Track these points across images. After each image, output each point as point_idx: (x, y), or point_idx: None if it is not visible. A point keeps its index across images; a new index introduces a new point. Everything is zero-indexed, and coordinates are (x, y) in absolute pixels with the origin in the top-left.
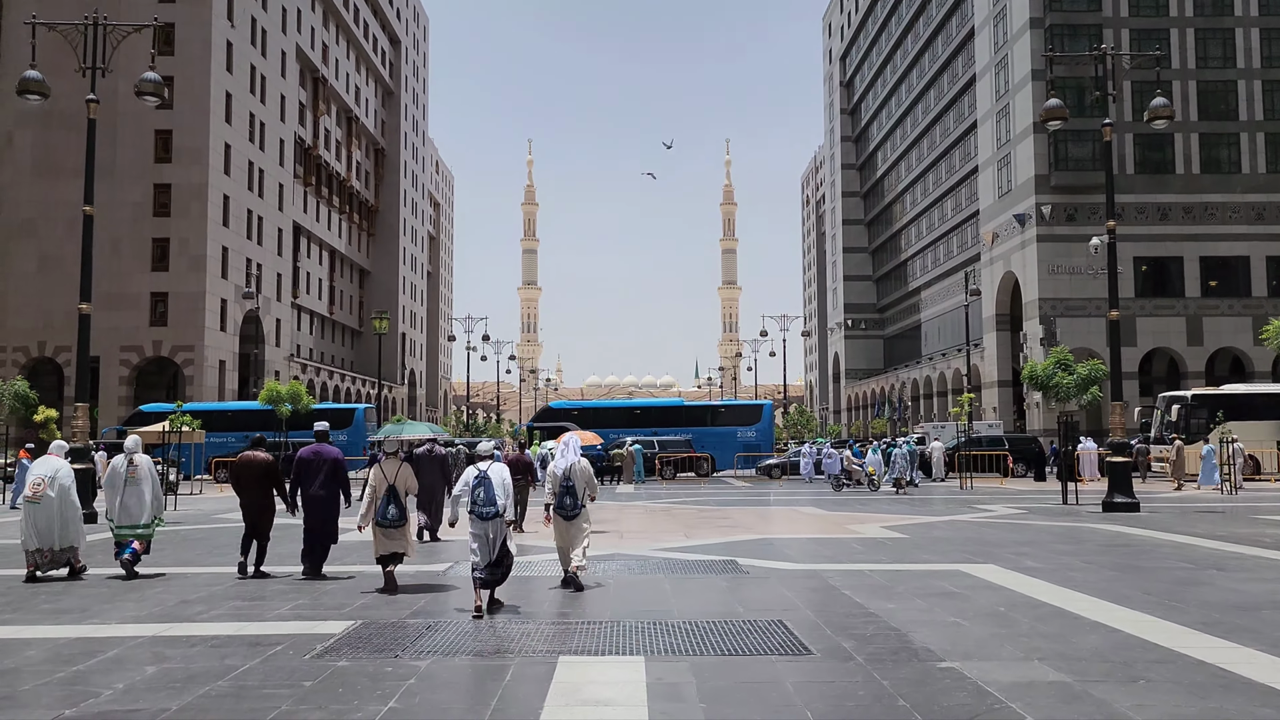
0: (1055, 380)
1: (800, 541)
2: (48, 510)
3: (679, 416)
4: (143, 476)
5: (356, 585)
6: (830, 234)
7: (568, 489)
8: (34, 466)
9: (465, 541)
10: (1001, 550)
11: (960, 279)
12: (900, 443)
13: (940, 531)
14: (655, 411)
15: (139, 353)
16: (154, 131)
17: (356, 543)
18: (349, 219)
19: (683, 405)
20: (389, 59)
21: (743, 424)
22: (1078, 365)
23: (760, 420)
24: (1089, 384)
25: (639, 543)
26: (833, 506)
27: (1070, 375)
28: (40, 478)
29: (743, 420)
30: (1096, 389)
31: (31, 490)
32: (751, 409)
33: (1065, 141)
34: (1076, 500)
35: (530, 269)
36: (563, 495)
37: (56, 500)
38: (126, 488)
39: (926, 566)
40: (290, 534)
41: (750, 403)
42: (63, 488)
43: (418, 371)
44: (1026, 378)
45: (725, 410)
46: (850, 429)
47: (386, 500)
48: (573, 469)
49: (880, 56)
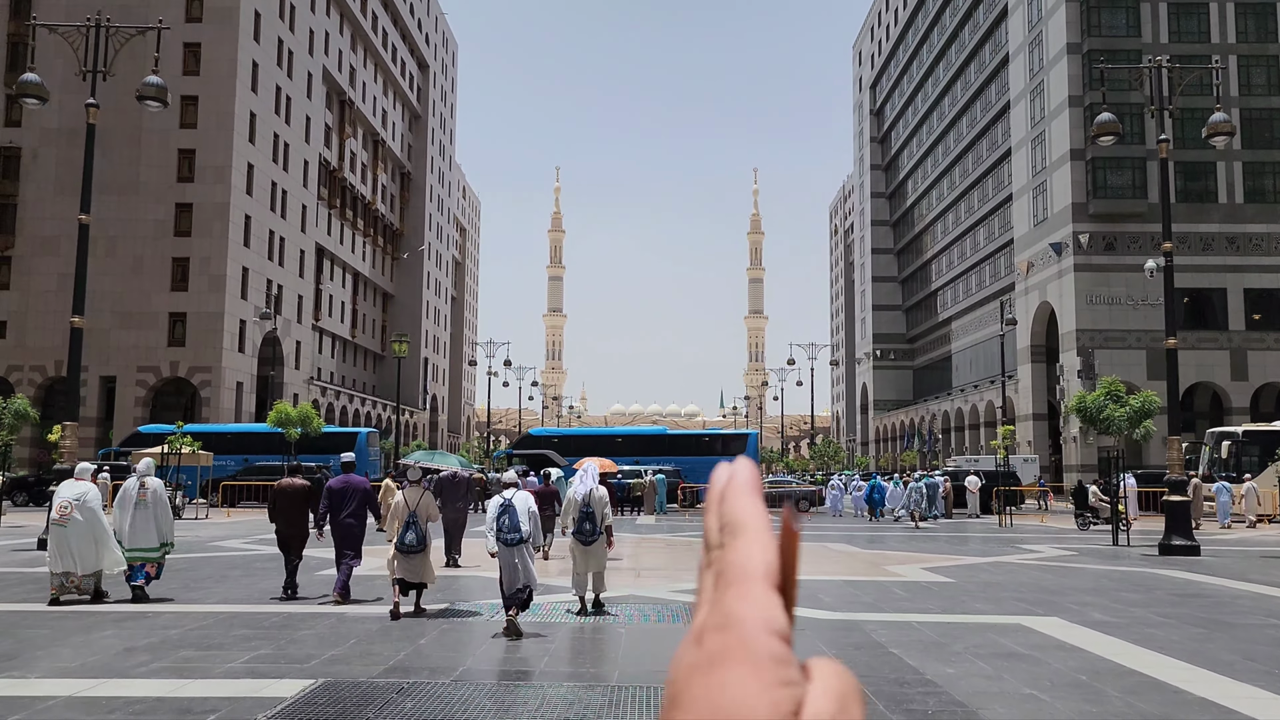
0: (1106, 413)
1: (835, 585)
2: (77, 533)
3: (662, 445)
4: (153, 500)
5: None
6: (859, 263)
7: (587, 515)
8: (60, 489)
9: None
10: (1063, 599)
11: (992, 310)
12: (917, 476)
13: (988, 575)
14: (638, 440)
15: (156, 373)
16: (177, 150)
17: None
18: (373, 242)
19: (665, 434)
20: (417, 83)
21: (728, 453)
22: (1129, 397)
23: (745, 449)
24: (1142, 417)
25: (656, 582)
26: (866, 544)
27: (1122, 408)
28: (67, 501)
29: (728, 450)
30: (1150, 422)
31: (59, 513)
32: (737, 438)
33: (1104, 169)
34: (1128, 541)
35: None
36: (582, 521)
37: (85, 523)
38: (136, 510)
39: (983, 619)
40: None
41: (735, 432)
42: (91, 510)
43: (440, 397)
44: (1074, 409)
45: (710, 440)
46: (879, 461)
47: (406, 526)
48: (591, 495)
49: (911, 84)
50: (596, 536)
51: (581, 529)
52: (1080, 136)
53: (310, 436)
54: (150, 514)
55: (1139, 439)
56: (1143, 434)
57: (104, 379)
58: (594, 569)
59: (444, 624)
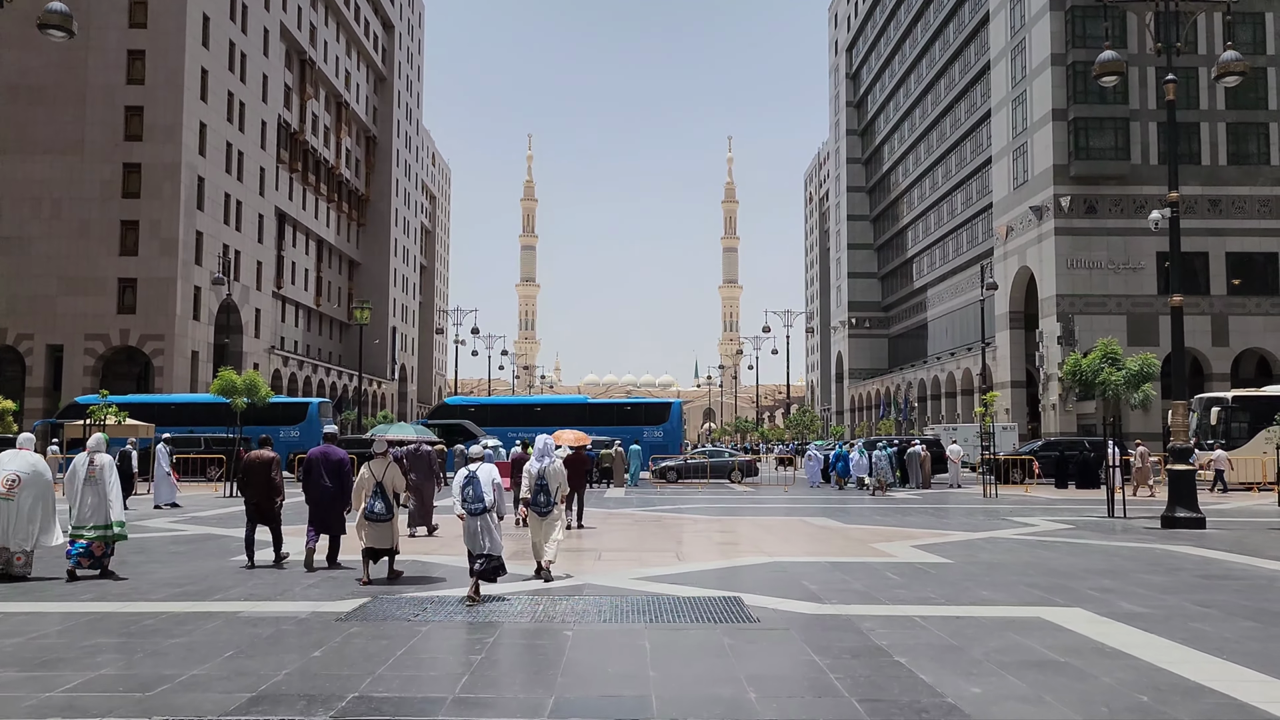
0: (1102, 376)
1: (820, 567)
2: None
3: (582, 415)
4: (102, 476)
5: (239, 629)
6: (834, 230)
7: (542, 487)
8: (3, 460)
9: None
10: (1079, 585)
11: (969, 276)
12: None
13: (987, 554)
14: (556, 409)
15: (105, 341)
16: (124, 107)
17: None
18: (338, 208)
19: (586, 403)
20: (381, 44)
21: (650, 423)
22: (1127, 359)
23: (668, 420)
24: (1141, 380)
25: (619, 566)
26: (847, 518)
27: (1119, 371)
28: (14, 474)
29: (650, 419)
30: (1149, 386)
31: (5, 487)
32: (659, 407)
33: (1086, 129)
34: (1124, 513)
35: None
36: (537, 493)
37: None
38: (85, 487)
39: (996, 611)
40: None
41: (658, 401)
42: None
43: (409, 367)
44: (1068, 373)
45: (631, 409)
46: (855, 430)
47: (374, 496)
48: (547, 469)
49: (888, 46)
50: (550, 507)
51: (536, 500)
52: (1062, 96)
53: (257, 407)
54: (97, 490)
55: (1137, 404)
56: (1141, 399)
57: (51, 347)
58: (547, 538)
59: (355, 628)
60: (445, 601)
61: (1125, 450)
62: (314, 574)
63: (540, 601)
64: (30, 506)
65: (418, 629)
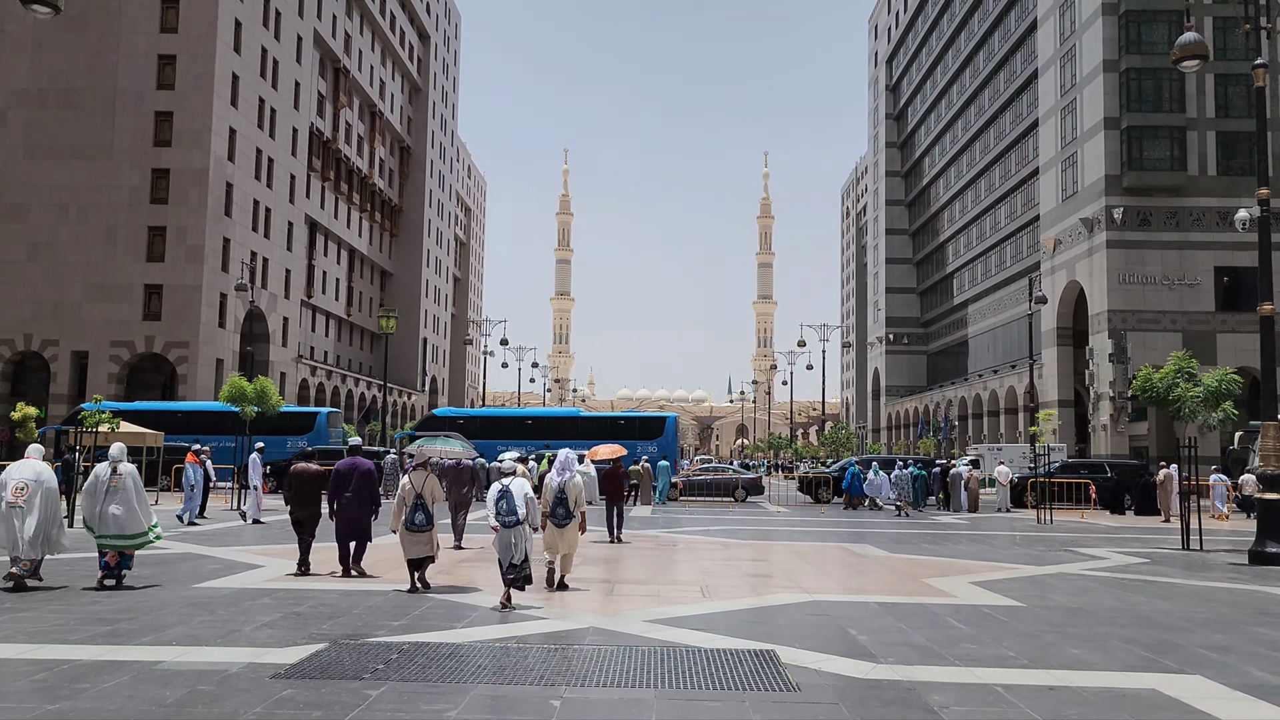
0: (1176, 393)
1: (868, 610)
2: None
3: (574, 428)
4: (126, 485)
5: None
6: (872, 244)
7: (560, 500)
8: (12, 470)
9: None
10: (1186, 640)
11: (1012, 292)
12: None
13: (1062, 595)
14: (548, 422)
15: (130, 348)
16: (154, 113)
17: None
18: (370, 217)
19: (579, 416)
20: (417, 54)
21: (644, 438)
22: (1204, 375)
23: (663, 434)
24: (1220, 398)
25: (633, 603)
26: (890, 545)
27: (1195, 387)
28: (23, 482)
29: (644, 434)
30: (1230, 405)
31: (14, 495)
32: (654, 421)
33: (1139, 138)
34: (1200, 545)
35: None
36: (556, 505)
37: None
38: (108, 496)
39: (1097, 679)
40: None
41: (652, 415)
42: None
43: (440, 378)
44: (1138, 390)
45: (625, 423)
46: (894, 448)
47: (414, 508)
48: (567, 484)
49: (930, 57)
50: (569, 520)
51: (555, 513)
52: (1115, 104)
53: (265, 416)
54: (124, 498)
55: (1214, 426)
56: (1221, 419)
57: (76, 354)
58: (564, 550)
59: (288, 691)
60: (417, 652)
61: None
62: (277, 610)
63: (533, 652)
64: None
65: (365, 694)
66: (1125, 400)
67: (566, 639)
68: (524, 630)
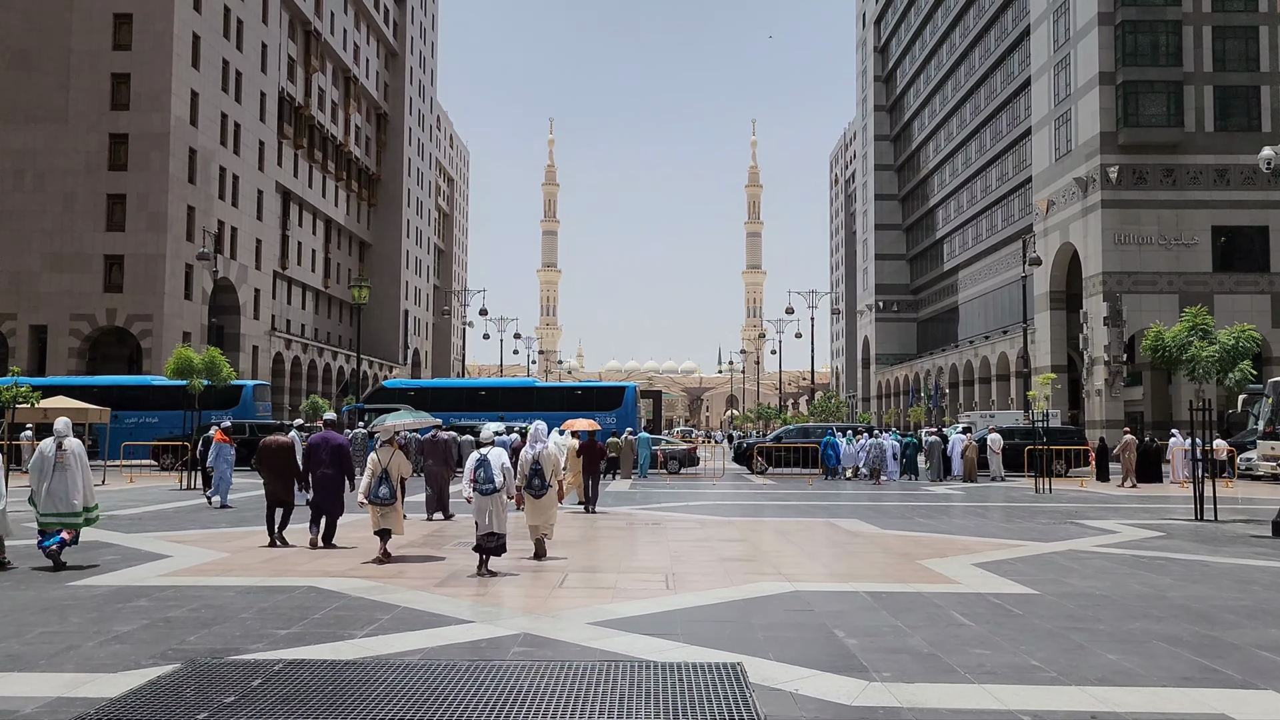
0: (1190, 352)
1: (857, 602)
2: None
3: (529, 399)
4: (71, 461)
5: None
6: (861, 210)
7: (536, 471)
8: None
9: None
10: (1237, 637)
11: (1004, 256)
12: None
13: (1079, 578)
14: (502, 393)
15: (91, 321)
16: (110, 74)
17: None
18: (347, 187)
19: (534, 386)
20: (393, 17)
21: (603, 409)
22: (1220, 332)
23: (621, 405)
24: (1237, 358)
25: (585, 598)
26: (881, 520)
27: (1211, 345)
28: None
29: (603, 405)
30: (1248, 364)
31: None
32: (612, 391)
33: (1135, 94)
34: (1215, 515)
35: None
36: (531, 477)
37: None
38: (54, 473)
39: (1146, 701)
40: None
41: (611, 385)
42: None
43: (423, 351)
44: (1148, 349)
45: (582, 393)
46: (885, 417)
47: (380, 481)
48: (540, 455)
49: (919, 16)
50: (545, 490)
51: (531, 484)
52: (1110, 58)
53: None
54: (67, 476)
55: (1231, 386)
56: (1238, 379)
57: (35, 328)
58: (541, 519)
59: None
60: (289, 674)
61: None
62: (145, 616)
63: (435, 673)
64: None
65: None
66: (1120, 364)
67: (486, 650)
68: (436, 639)
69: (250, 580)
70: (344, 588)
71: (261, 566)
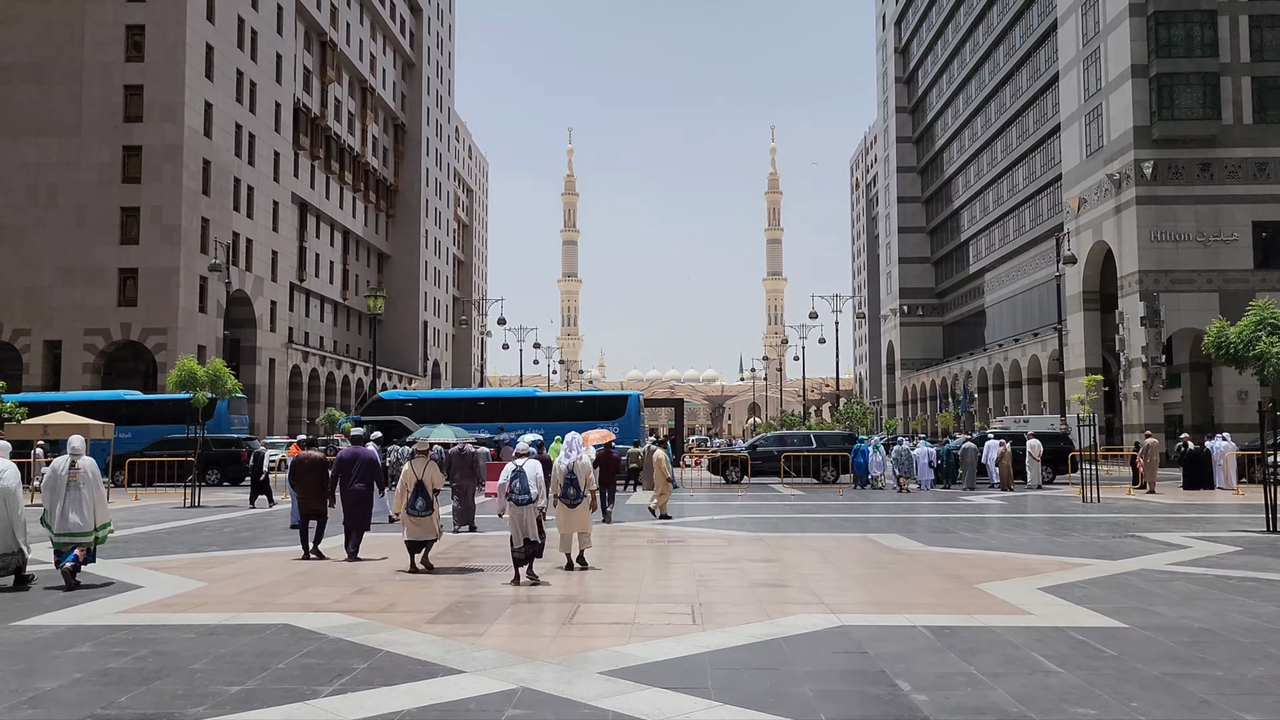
0: (1259, 349)
1: (915, 639)
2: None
3: (530, 409)
4: (85, 480)
5: None
6: (884, 214)
7: (570, 480)
8: None
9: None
10: None
11: (1033, 257)
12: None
13: (1166, 604)
14: (502, 403)
15: (105, 336)
16: (123, 86)
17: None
18: (365, 198)
19: (535, 396)
20: (409, 28)
21: (605, 418)
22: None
23: (624, 414)
24: None
25: (596, 638)
26: (923, 533)
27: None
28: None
29: (605, 414)
30: None
31: None
32: (615, 400)
33: (1170, 87)
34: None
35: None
36: (566, 486)
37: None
38: (68, 492)
39: None
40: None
41: (613, 393)
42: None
43: (443, 363)
44: (1211, 346)
45: (585, 402)
46: (912, 423)
47: (415, 494)
48: (574, 465)
49: (940, 16)
50: (579, 499)
51: (566, 493)
52: (1143, 50)
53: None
54: (81, 495)
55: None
56: None
57: (49, 344)
58: (577, 529)
59: None
60: None
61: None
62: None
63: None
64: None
65: None
66: (1159, 365)
67: (473, 714)
68: (414, 698)
69: (219, 617)
70: (323, 625)
71: (238, 599)
